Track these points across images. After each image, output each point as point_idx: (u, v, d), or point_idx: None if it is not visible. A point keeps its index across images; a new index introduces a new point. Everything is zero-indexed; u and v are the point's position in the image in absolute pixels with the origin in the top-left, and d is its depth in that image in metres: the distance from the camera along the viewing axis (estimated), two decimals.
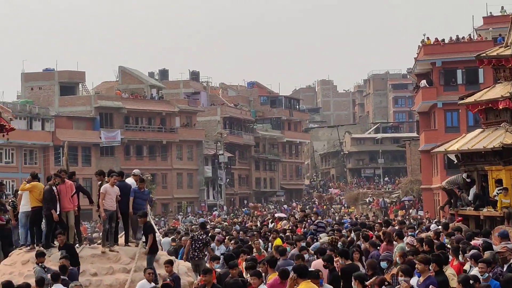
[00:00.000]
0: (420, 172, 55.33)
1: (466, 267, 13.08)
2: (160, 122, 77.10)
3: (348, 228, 23.26)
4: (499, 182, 20.67)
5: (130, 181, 17.71)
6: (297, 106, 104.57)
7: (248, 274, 12.24)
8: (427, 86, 49.88)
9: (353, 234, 19.76)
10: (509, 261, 12.74)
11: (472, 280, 10.97)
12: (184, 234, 22.96)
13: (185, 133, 78.36)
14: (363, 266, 13.88)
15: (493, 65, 22.76)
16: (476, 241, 15.23)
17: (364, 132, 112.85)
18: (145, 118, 76.22)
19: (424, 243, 14.90)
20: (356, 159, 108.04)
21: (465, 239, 15.70)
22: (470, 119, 45.68)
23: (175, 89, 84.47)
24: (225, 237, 22.37)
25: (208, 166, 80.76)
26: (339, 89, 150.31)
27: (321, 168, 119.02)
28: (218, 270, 14.76)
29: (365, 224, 24.37)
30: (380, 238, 17.52)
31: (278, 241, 19.49)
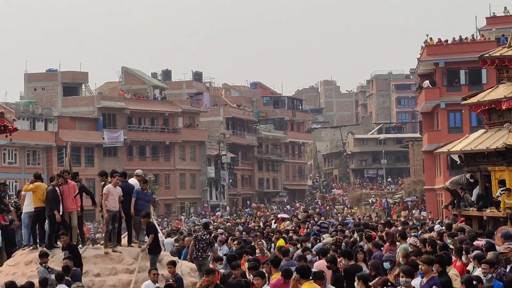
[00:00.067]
0: (423, 173, 55.23)
1: (469, 268, 13.06)
2: (163, 123, 77.12)
3: (351, 229, 23.20)
4: (502, 183, 20.65)
5: (133, 182, 17.69)
6: (300, 107, 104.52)
7: (251, 275, 12.22)
8: (430, 87, 49.83)
9: (356, 235, 19.72)
10: None
11: (475, 281, 10.94)
12: (187, 235, 22.89)
13: (188, 134, 78.36)
14: (367, 267, 13.85)
15: (496, 66, 22.77)
16: (479, 242, 15.20)
17: (367, 133, 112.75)
18: (148, 119, 76.24)
19: (427, 244, 14.87)
20: (359, 160, 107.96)
21: (468, 240, 15.67)
22: (473, 120, 45.63)
23: (178, 90, 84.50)
24: (228, 238, 22.36)
25: (211, 167, 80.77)
26: (342, 90, 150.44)
27: (324, 169, 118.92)
28: (222, 271, 14.72)
29: (368, 225, 24.31)
30: (383, 239, 17.48)
31: (281, 242, 19.48)
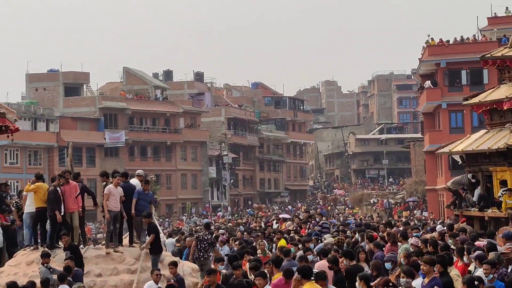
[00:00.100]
0: (425, 173, 55.21)
1: (471, 268, 13.07)
2: (165, 123, 77.13)
3: (353, 229, 23.19)
4: (504, 183, 20.66)
5: (134, 182, 17.69)
6: (302, 107, 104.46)
7: (253, 275, 12.22)
8: (432, 87, 49.83)
9: (358, 235, 19.71)
10: None
11: (477, 281, 10.94)
12: (188, 235, 22.89)
13: (190, 134, 78.37)
14: (369, 267, 13.85)
15: (498, 66, 22.79)
16: (481, 242, 15.21)
17: (369, 133, 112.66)
18: (150, 119, 76.25)
19: (429, 244, 14.85)
20: (361, 160, 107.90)
21: (470, 240, 15.68)
22: (475, 120, 45.63)
23: (179, 90, 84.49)
24: (229, 238, 22.35)
25: (212, 167, 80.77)
26: (343, 90, 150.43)
27: (326, 169, 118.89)
28: (223, 271, 14.72)
29: (370, 225, 24.32)
30: (385, 239, 17.47)
31: (283, 242, 19.47)
